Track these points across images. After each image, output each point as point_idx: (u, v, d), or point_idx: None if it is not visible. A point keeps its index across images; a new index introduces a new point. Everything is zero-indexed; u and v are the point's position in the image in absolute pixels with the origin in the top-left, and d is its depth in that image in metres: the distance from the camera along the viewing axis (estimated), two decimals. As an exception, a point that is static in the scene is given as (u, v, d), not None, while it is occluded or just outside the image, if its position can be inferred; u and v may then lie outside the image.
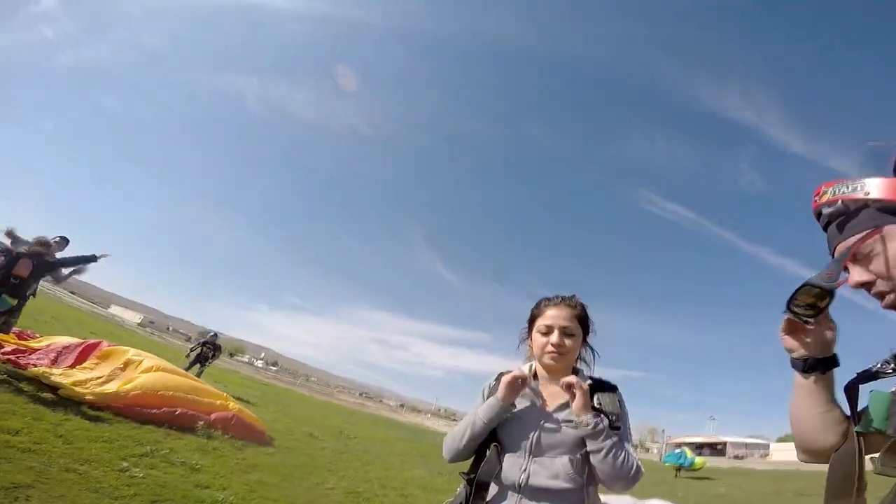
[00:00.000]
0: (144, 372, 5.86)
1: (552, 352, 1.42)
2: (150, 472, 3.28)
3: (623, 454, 1.29)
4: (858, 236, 0.74)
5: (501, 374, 1.51)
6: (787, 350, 0.88)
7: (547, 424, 1.36)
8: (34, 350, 6.19)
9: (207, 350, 12.51)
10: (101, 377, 5.44)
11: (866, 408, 0.82)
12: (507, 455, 1.36)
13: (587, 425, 1.28)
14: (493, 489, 1.35)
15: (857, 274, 0.76)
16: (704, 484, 13.43)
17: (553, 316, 1.45)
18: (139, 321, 74.54)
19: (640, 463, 1.33)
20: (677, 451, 20.74)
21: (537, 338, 1.47)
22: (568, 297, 1.51)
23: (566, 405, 1.35)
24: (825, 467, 0.82)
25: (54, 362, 5.71)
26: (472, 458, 1.42)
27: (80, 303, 53.60)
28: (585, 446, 1.30)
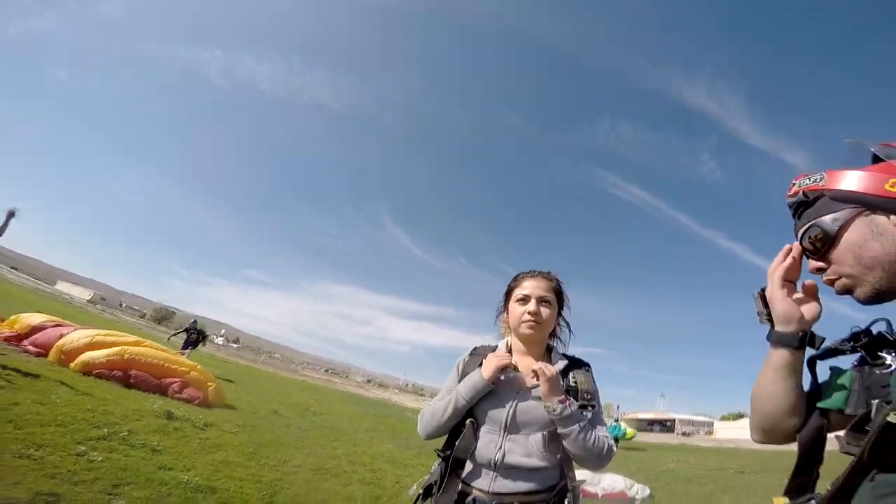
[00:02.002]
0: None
1: (529, 320, 1.43)
2: (109, 456, 3.21)
3: (593, 436, 1.32)
4: (823, 217, 0.78)
5: (476, 349, 1.55)
6: (778, 318, 0.84)
7: (522, 401, 1.36)
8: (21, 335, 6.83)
9: (192, 335, 13.57)
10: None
11: (826, 384, 0.84)
12: (482, 431, 1.36)
13: (554, 411, 1.29)
14: (468, 466, 1.35)
15: (815, 260, 0.82)
16: (655, 459, 14.10)
17: (530, 286, 1.48)
18: (89, 297, 70.26)
19: (612, 443, 1.37)
20: (613, 423, 23.86)
21: (514, 308, 1.48)
22: (545, 271, 1.55)
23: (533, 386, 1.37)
24: (764, 447, 0.82)
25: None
26: (445, 435, 1.43)
27: (24, 279, 49.95)
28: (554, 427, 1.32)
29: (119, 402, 5.32)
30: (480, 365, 1.41)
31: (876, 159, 0.77)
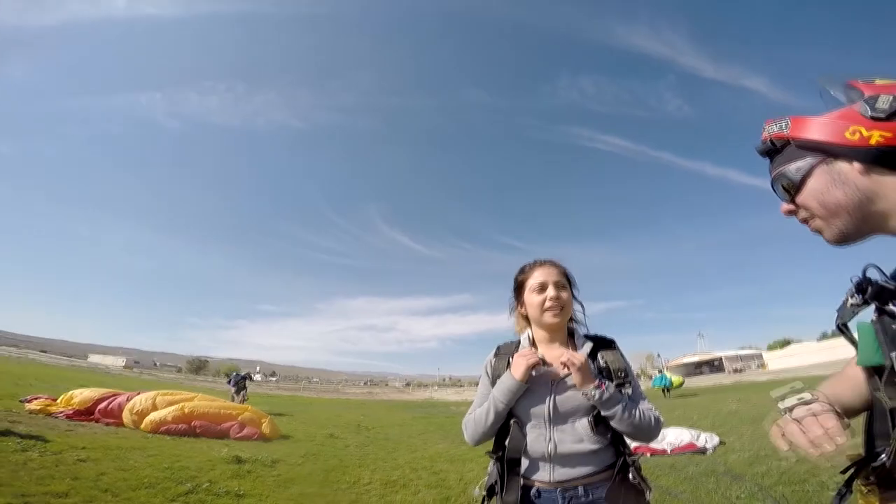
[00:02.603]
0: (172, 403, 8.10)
1: (553, 306, 1.44)
2: (202, 508, 3.50)
3: (637, 412, 1.33)
4: (787, 166, 0.81)
5: (500, 348, 1.56)
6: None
7: (559, 394, 1.37)
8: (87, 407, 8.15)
9: (241, 382, 15.86)
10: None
11: (857, 343, 0.85)
12: (528, 427, 1.37)
13: (593, 397, 1.31)
14: (524, 462, 1.37)
15: (784, 204, 0.85)
16: (714, 403, 13.72)
17: (544, 274, 1.49)
18: (124, 364, 72.20)
19: (657, 414, 1.38)
20: (658, 375, 23.95)
21: (532, 298, 1.48)
22: (550, 259, 1.55)
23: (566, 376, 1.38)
24: (824, 371, 0.85)
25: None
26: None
27: (57, 359, 51.52)
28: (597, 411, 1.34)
29: (190, 456, 5.65)
30: (509, 365, 1.43)
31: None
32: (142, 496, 3.64)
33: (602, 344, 1.48)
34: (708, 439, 6.44)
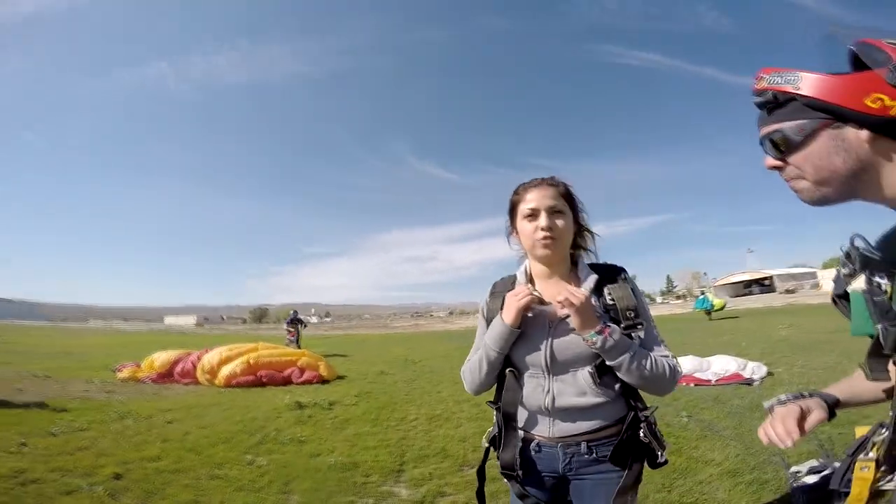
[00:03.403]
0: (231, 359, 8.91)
1: (545, 237, 1.24)
2: (270, 458, 4.02)
3: (649, 361, 1.17)
4: (789, 124, 0.76)
5: (495, 286, 1.41)
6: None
7: (557, 338, 1.23)
8: (167, 369, 9.17)
9: (297, 326, 16.32)
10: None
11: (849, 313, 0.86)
12: (526, 376, 1.27)
13: (595, 344, 1.15)
14: (524, 413, 1.29)
15: (770, 159, 0.81)
16: (763, 328, 13.21)
17: (536, 197, 1.27)
18: (195, 322, 79.45)
19: (674, 363, 1.22)
20: (700, 296, 23.71)
21: (524, 225, 1.29)
22: (547, 177, 1.33)
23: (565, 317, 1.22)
24: None
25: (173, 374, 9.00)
26: (494, 385, 1.36)
27: (138, 326, 57.48)
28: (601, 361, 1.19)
29: (258, 406, 6.37)
30: (503, 307, 1.27)
31: (857, 61, 0.71)
32: (220, 452, 4.22)
33: (610, 275, 1.28)
34: (755, 370, 6.22)
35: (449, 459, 3.91)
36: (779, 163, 0.80)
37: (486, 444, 1.37)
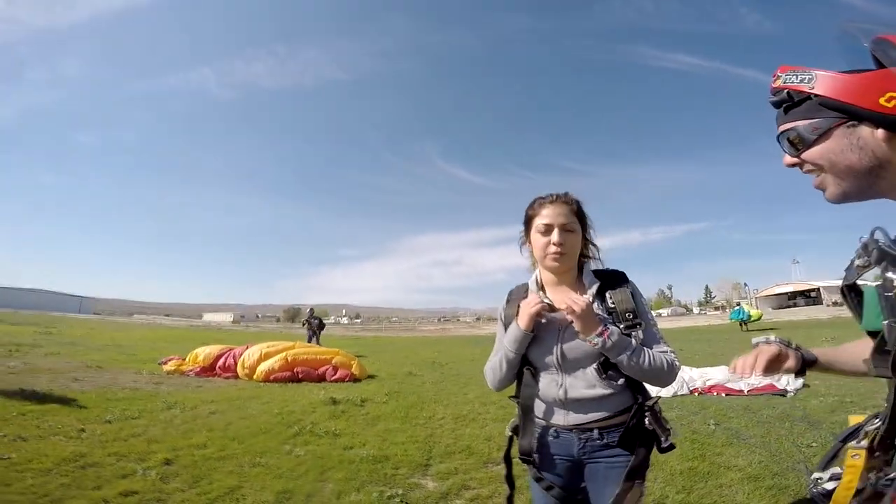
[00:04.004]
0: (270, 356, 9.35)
1: (555, 252, 1.41)
2: (307, 448, 4.27)
3: (646, 357, 1.31)
4: (803, 123, 0.77)
5: (511, 294, 1.58)
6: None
7: (566, 342, 1.39)
8: (210, 363, 9.68)
9: (314, 323, 16.60)
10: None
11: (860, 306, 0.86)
12: (542, 373, 1.43)
13: (596, 345, 1.30)
14: (541, 405, 1.44)
15: (787, 157, 0.82)
16: (805, 340, 12.29)
17: (550, 214, 1.43)
18: (232, 319, 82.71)
19: (672, 358, 1.36)
20: (736, 308, 23.17)
21: (537, 238, 1.45)
22: (562, 194, 1.48)
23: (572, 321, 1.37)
24: None
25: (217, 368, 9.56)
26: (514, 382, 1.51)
27: (178, 321, 60.38)
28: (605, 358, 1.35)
29: (295, 400, 6.69)
30: (518, 313, 1.43)
31: (874, 59, 0.71)
32: (260, 441, 4.50)
33: (611, 281, 1.44)
34: (790, 381, 6.06)
35: (474, 456, 4.05)
36: (796, 160, 0.81)
37: (510, 433, 1.53)
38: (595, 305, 1.38)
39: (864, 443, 0.83)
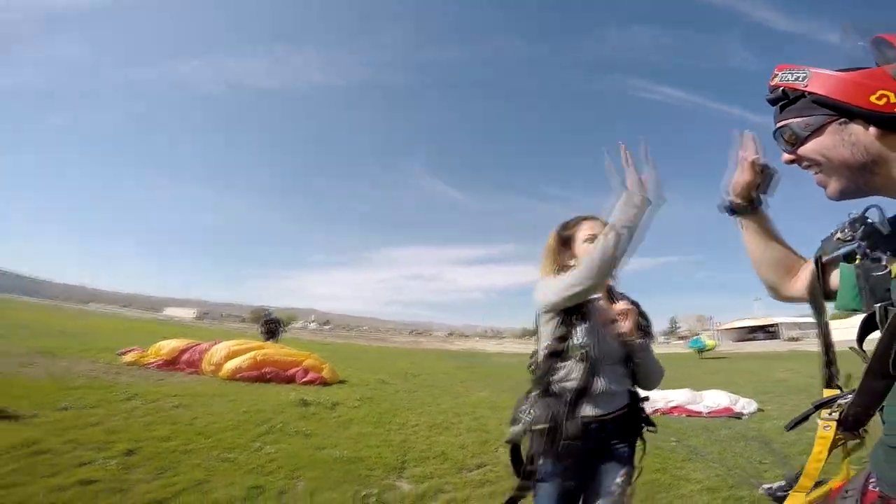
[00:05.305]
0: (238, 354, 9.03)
1: None
2: (278, 447, 4.14)
3: (655, 360, 1.59)
4: (796, 120, 0.79)
5: None
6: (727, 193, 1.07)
7: (602, 338, 1.54)
8: (173, 357, 9.27)
9: (272, 326, 15.68)
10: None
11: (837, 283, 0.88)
12: (579, 366, 1.51)
13: (636, 345, 1.54)
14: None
15: (785, 154, 0.85)
16: (763, 371, 13.58)
17: (593, 227, 1.62)
18: (195, 315, 79.55)
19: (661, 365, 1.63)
20: (695, 337, 26.12)
21: (587, 246, 1.57)
22: (593, 214, 1.68)
23: (613, 321, 1.58)
24: None
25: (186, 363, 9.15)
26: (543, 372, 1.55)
27: (139, 313, 57.74)
28: (627, 356, 1.55)
29: (265, 400, 6.49)
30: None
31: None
32: (229, 437, 4.35)
33: (631, 299, 1.67)
34: (746, 405, 6.53)
35: (449, 462, 4.03)
36: (792, 157, 0.83)
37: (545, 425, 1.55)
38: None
39: (836, 415, 0.84)
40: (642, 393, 1.65)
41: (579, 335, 1.51)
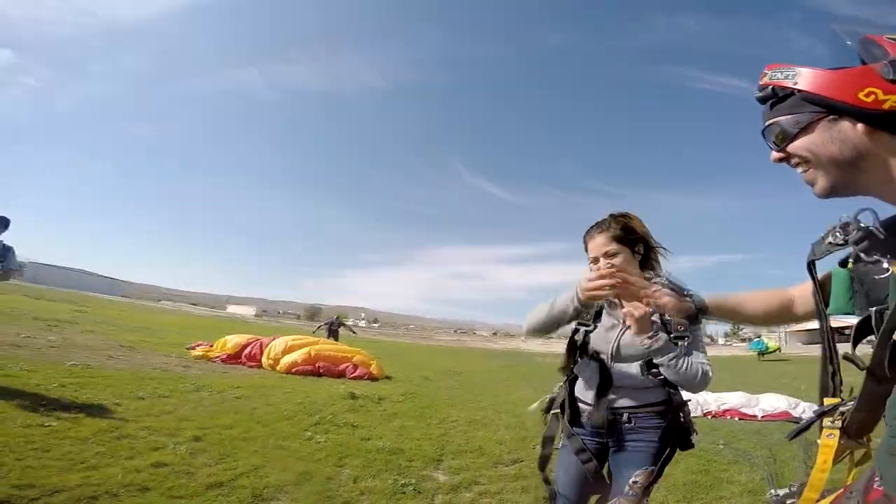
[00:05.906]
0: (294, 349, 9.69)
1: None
2: (328, 437, 4.47)
3: (685, 364, 1.46)
4: (785, 118, 0.78)
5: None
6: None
7: (624, 337, 1.59)
8: (237, 351, 10.07)
9: (335, 328, 17.29)
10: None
11: (829, 287, 0.86)
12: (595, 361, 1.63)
13: (647, 347, 1.47)
14: (581, 385, 1.66)
15: (774, 153, 0.83)
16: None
17: (593, 248, 1.61)
18: (255, 313, 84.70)
19: (707, 368, 1.50)
20: (757, 339, 24.83)
21: (585, 272, 1.61)
22: (600, 222, 1.64)
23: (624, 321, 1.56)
24: None
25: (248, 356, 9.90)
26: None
27: (204, 310, 62.30)
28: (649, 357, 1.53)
29: (317, 392, 6.94)
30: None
31: (859, 58, 0.72)
32: (284, 426, 4.74)
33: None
34: (807, 410, 6.07)
35: (485, 457, 4.18)
36: (780, 155, 0.82)
37: (556, 410, 1.74)
38: (655, 315, 1.52)
39: (839, 423, 0.84)
40: (685, 395, 1.62)
41: (584, 334, 1.63)
